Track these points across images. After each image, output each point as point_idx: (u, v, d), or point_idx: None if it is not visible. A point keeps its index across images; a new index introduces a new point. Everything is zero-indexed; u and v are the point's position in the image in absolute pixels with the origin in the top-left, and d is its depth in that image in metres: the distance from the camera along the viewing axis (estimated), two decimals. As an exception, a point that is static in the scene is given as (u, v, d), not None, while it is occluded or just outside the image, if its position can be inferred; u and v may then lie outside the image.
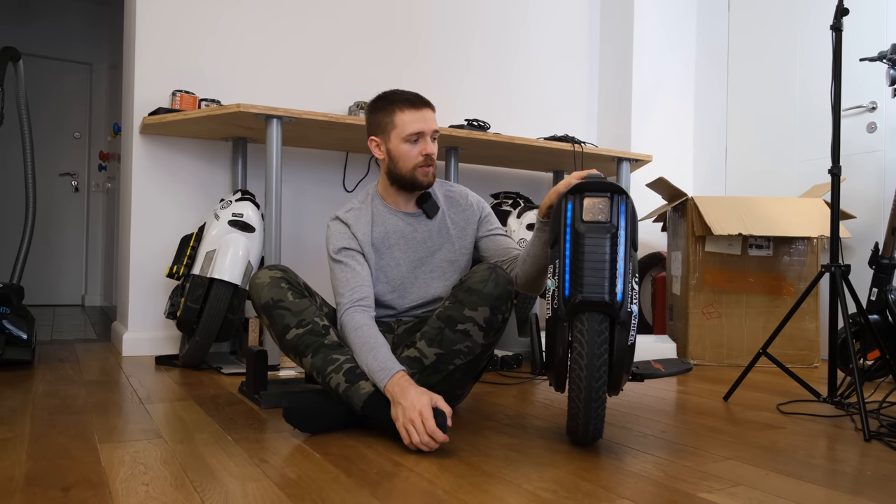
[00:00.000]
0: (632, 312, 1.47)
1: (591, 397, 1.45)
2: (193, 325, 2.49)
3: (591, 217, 1.48)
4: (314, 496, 1.21)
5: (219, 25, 3.03)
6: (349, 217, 1.83)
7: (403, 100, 1.78)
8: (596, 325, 1.45)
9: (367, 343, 1.63)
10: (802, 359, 2.93)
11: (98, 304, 5.67)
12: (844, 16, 2.09)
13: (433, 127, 1.79)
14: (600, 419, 1.49)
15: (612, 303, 1.44)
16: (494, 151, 3.19)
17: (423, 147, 1.77)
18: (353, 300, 1.72)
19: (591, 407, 1.46)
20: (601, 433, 1.53)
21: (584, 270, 1.45)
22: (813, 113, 3.43)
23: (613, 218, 1.47)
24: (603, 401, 1.47)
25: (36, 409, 1.84)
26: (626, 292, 1.46)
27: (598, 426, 1.50)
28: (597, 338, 1.45)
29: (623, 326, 1.46)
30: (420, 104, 1.78)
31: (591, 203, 1.49)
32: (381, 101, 1.82)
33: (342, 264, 1.78)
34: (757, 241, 2.98)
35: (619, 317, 1.45)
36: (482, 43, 3.65)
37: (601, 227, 1.47)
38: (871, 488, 1.32)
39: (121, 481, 1.26)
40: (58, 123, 5.55)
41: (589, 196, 1.50)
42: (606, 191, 1.49)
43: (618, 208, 1.48)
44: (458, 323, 1.66)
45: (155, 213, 2.93)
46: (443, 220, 1.88)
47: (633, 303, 1.47)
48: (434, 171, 1.81)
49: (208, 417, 1.79)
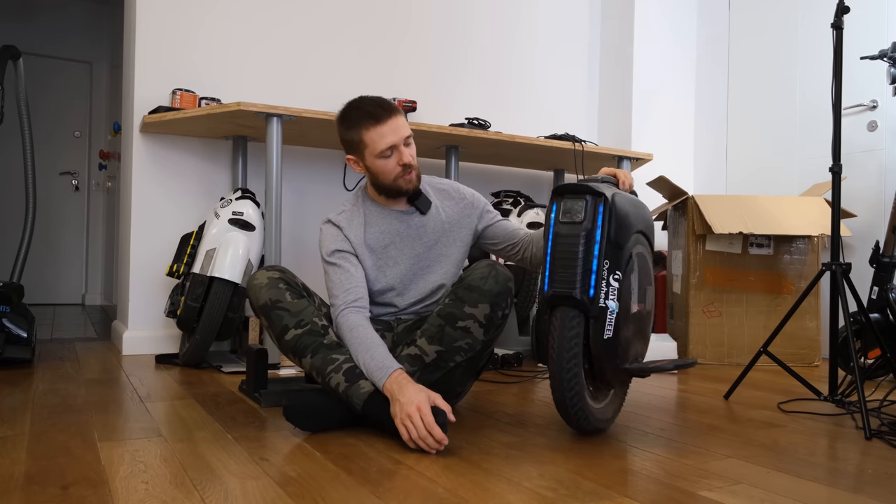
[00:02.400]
0: (606, 308, 1.54)
1: (562, 382, 1.53)
2: (194, 323, 2.49)
3: (568, 218, 1.58)
4: (314, 494, 1.20)
5: (219, 24, 3.03)
6: (341, 220, 1.83)
7: (367, 116, 1.72)
8: (567, 320, 1.54)
9: (364, 343, 1.63)
10: (803, 357, 2.93)
11: (98, 302, 5.67)
12: (845, 14, 2.09)
13: (403, 135, 1.74)
14: (579, 405, 1.56)
15: (583, 298, 1.52)
16: (495, 150, 3.19)
17: (399, 157, 1.74)
18: (348, 301, 1.72)
19: (564, 390, 1.54)
20: (590, 424, 1.60)
21: (557, 267, 1.56)
22: (813, 111, 3.43)
23: (587, 218, 1.56)
24: (577, 391, 1.54)
25: (36, 408, 1.84)
26: (600, 288, 1.53)
27: (580, 412, 1.57)
28: (567, 332, 1.53)
29: (597, 321, 1.54)
30: (384, 116, 1.71)
31: (568, 205, 1.59)
32: (346, 119, 1.77)
33: (336, 266, 1.77)
34: (758, 239, 2.97)
35: (591, 311, 1.53)
36: (482, 40, 3.65)
37: (575, 227, 1.56)
38: (872, 486, 1.32)
39: (120, 479, 1.26)
40: (58, 122, 5.55)
41: (567, 198, 1.59)
42: (584, 193, 1.58)
43: (594, 209, 1.56)
44: (459, 320, 1.66)
45: (155, 212, 2.93)
46: (436, 214, 1.88)
47: (609, 298, 1.55)
48: (416, 174, 1.79)
49: (208, 416, 1.79)
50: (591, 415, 1.61)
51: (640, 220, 1.69)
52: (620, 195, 1.63)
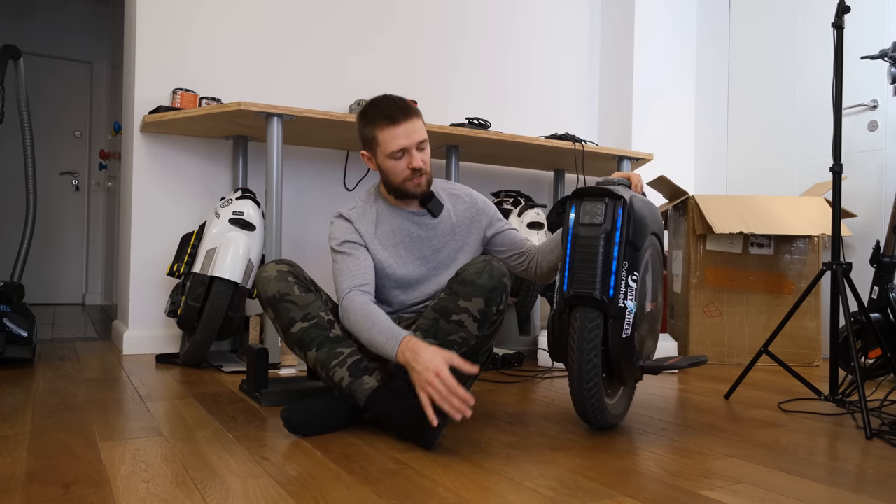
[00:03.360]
0: (625, 308, 1.57)
1: (582, 381, 1.57)
2: (194, 323, 2.49)
3: (588, 220, 1.60)
4: (315, 494, 1.20)
5: (220, 24, 3.02)
6: (353, 214, 1.83)
7: (384, 116, 1.73)
8: (587, 320, 1.57)
9: (369, 318, 1.61)
10: (803, 357, 2.93)
11: (99, 302, 5.67)
12: (846, 13, 2.09)
13: (417, 139, 1.74)
14: (597, 404, 1.61)
15: (603, 298, 1.56)
16: (495, 150, 3.19)
17: (409, 161, 1.74)
18: (353, 286, 1.71)
19: (583, 389, 1.58)
20: (606, 420, 1.65)
21: (577, 268, 1.59)
22: (814, 111, 3.43)
23: (608, 221, 1.59)
24: (596, 386, 1.58)
25: (37, 407, 1.84)
26: (619, 289, 1.57)
27: (598, 410, 1.62)
28: (587, 334, 1.57)
29: (615, 320, 1.58)
30: (400, 118, 1.72)
31: (588, 207, 1.62)
32: (365, 116, 1.79)
33: (344, 254, 1.77)
34: (758, 239, 2.97)
35: (611, 311, 1.56)
36: (482, 39, 3.65)
37: (595, 229, 1.59)
38: (873, 486, 1.32)
39: (121, 479, 1.26)
40: (58, 122, 5.55)
41: (587, 200, 1.62)
42: (603, 196, 1.61)
43: (613, 212, 1.59)
44: (453, 314, 1.65)
45: (155, 212, 2.93)
46: (448, 218, 1.88)
47: (627, 299, 1.58)
48: (427, 178, 1.79)
49: (209, 415, 1.79)
50: (607, 411, 1.65)
51: (654, 221, 1.74)
52: (637, 198, 1.66)
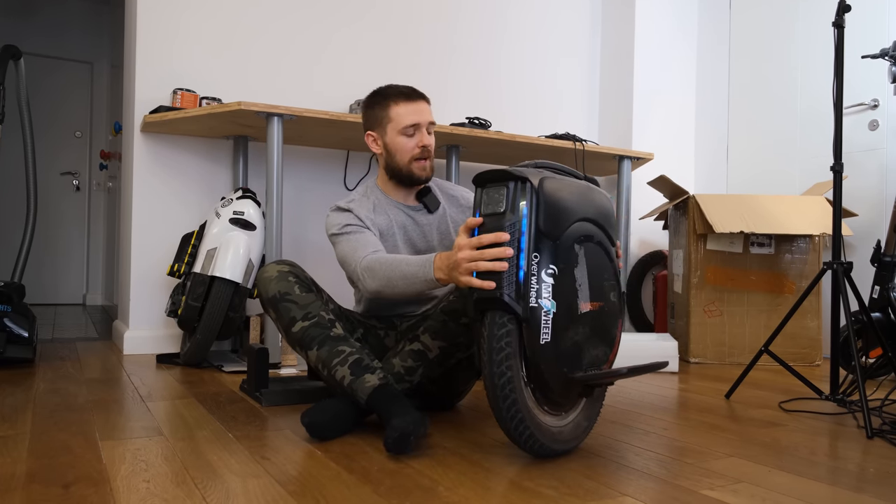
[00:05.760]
0: (540, 308, 1.33)
1: (497, 399, 1.33)
2: (194, 323, 2.49)
3: (491, 209, 1.37)
4: (315, 493, 1.20)
5: (220, 24, 3.02)
6: (351, 205, 1.83)
7: (398, 93, 1.81)
8: (496, 326, 1.34)
9: (394, 263, 1.60)
10: (804, 357, 2.92)
11: (99, 302, 5.67)
12: (846, 12, 2.09)
13: (429, 119, 1.81)
14: (521, 425, 1.34)
15: (510, 299, 1.32)
16: (495, 150, 3.19)
17: (420, 139, 1.79)
18: (366, 253, 1.69)
19: (500, 408, 1.33)
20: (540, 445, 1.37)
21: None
22: (814, 110, 3.42)
23: (509, 208, 1.35)
24: (515, 404, 1.33)
25: (37, 407, 1.84)
26: (529, 286, 1.33)
27: (523, 432, 1.34)
28: (495, 342, 1.33)
29: (529, 323, 1.33)
30: (415, 96, 1.81)
31: (490, 194, 1.38)
32: (377, 95, 1.84)
33: (347, 234, 1.76)
34: (758, 238, 2.97)
35: (522, 313, 1.32)
36: (483, 39, 3.64)
37: (497, 219, 1.36)
38: (874, 485, 1.32)
39: (122, 478, 1.26)
40: (58, 122, 5.55)
41: (489, 186, 1.39)
42: (506, 180, 1.36)
43: (517, 197, 1.35)
44: (463, 316, 1.66)
45: (156, 212, 2.93)
46: (443, 217, 1.89)
47: (542, 297, 1.33)
48: (431, 164, 1.82)
49: (209, 415, 1.79)
50: (543, 434, 1.38)
51: (587, 206, 1.46)
52: (554, 179, 1.41)
